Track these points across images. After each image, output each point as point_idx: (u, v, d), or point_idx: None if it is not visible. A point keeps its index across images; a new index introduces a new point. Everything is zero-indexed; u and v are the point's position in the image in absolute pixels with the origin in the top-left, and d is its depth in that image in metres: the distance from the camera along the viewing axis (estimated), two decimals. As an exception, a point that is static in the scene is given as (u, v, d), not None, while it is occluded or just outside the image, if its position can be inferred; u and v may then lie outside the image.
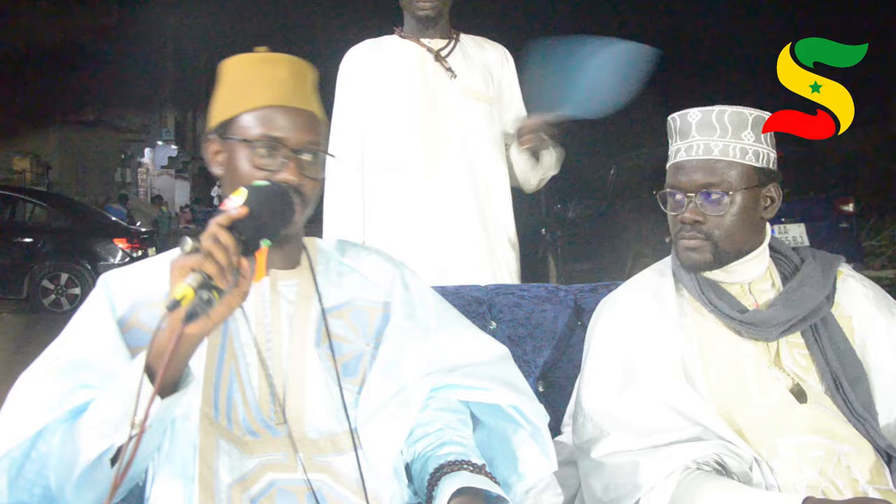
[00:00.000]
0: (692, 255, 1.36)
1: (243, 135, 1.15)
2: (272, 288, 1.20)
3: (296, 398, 1.16)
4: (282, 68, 1.18)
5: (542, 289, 1.80)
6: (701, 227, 1.34)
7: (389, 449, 1.16)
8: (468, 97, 2.09)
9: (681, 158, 1.38)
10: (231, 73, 1.20)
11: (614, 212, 7.84)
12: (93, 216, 10.12)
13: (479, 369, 1.24)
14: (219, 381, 1.14)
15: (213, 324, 0.97)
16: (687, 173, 1.36)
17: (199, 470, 1.08)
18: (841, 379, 1.32)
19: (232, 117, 1.17)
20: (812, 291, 1.36)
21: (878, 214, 10.44)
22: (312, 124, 1.18)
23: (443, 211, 2.07)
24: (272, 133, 1.14)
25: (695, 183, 1.35)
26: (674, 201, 1.39)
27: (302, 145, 1.15)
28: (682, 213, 1.36)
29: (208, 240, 0.93)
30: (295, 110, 1.16)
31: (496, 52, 2.21)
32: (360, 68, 2.13)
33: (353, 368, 1.20)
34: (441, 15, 2.10)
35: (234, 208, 0.98)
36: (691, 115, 1.37)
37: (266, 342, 1.17)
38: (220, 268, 0.92)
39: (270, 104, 1.15)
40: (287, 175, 1.12)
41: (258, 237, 0.98)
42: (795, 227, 6.66)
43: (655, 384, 1.31)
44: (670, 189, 1.39)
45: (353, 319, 1.24)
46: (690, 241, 1.36)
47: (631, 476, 1.25)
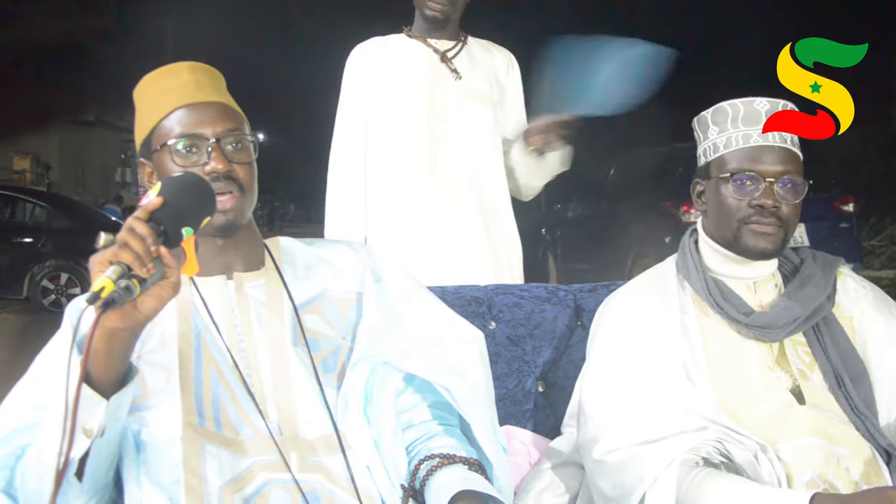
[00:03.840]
0: (763, 242, 1.34)
1: (163, 140, 1.17)
2: (238, 290, 1.21)
3: (285, 399, 1.16)
4: (182, 73, 1.21)
5: (542, 289, 1.80)
6: (777, 212, 1.34)
7: (369, 444, 1.16)
8: (472, 99, 2.09)
9: (755, 143, 1.35)
10: (140, 95, 1.23)
11: (614, 212, 7.84)
12: (93, 216, 10.11)
13: (431, 349, 1.24)
14: (199, 387, 1.14)
15: (143, 316, 0.96)
16: (766, 159, 1.34)
17: (184, 478, 1.08)
18: (843, 377, 1.32)
19: (150, 132, 1.20)
20: (814, 291, 1.36)
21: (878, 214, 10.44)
22: (226, 114, 1.20)
23: (444, 210, 2.07)
24: (189, 130, 1.17)
25: (774, 169, 1.33)
26: (743, 186, 1.35)
27: (220, 134, 1.17)
28: (760, 199, 1.33)
29: (123, 231, 0.93)
30: (205, 105, 1.19)
31: (502, 56, 2.22)
32: (365, 66, 2.13)
33: (332, 364, 1.21)
34: (450, 18, 2.10)
35: (149, 201, 0.98)
36: (758, 104, 1.36)
37: (238, 343, 1.18)
38: (137, 256, 0.91)
39: (179, 105, 1.18)
40: (214, 164, 1.15)
41: (178, 226, 0.98)
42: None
43: (658, 384, 1.31)
44: (747, 172, 1.34)
45: (327, 313, 1.25)
46: (767, 226, 1.34)
47: (633, 470, 1.25)
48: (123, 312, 0.94)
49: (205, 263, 1.16)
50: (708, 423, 1.26)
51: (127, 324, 0.95)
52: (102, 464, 1.05)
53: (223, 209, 1.15)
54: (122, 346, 0.98)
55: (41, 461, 0.99)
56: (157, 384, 1.13)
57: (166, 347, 1.15)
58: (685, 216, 6.54)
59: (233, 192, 1.16)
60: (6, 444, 1.07)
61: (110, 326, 0.94)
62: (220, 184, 1.15)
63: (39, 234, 8.90)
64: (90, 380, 0.96)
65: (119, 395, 0.99)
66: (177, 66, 1.22)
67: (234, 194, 1.16)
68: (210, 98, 1.20)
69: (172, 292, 0.97)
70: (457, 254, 2.06)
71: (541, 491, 1.48)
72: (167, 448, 1.10)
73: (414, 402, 1.26)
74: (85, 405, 0.95)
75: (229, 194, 1.16)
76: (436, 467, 1.16)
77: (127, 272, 0.90)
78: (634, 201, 7.42)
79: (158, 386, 1.13)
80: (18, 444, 1.06)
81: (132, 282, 0.90)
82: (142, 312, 0.95)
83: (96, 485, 1.06)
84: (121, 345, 0.98)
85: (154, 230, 0.94)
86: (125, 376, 1.01)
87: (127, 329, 0.96)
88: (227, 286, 1.21)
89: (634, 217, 7.24)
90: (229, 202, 1.16)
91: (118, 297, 0.89)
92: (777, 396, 1.31)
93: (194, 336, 1.17)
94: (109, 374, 0.98)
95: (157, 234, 0.94)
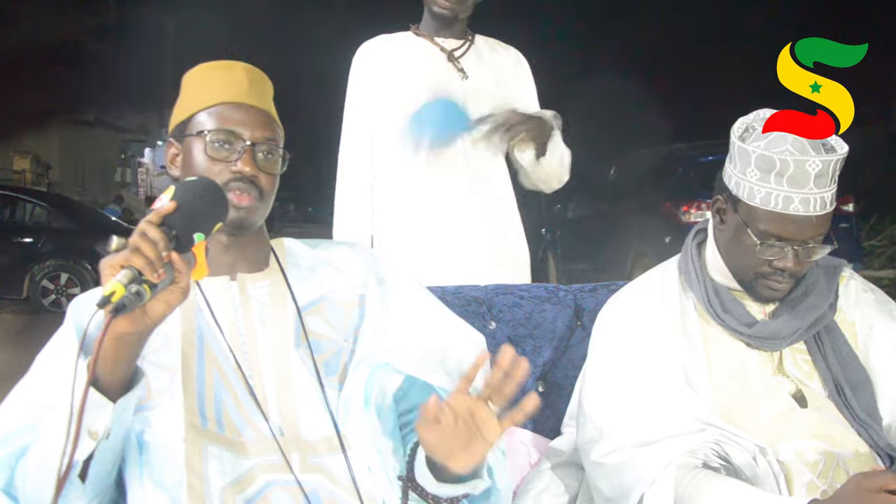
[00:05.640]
0: (774, 295, 1.33)
1: (200, 128, 1.17)
2: (241, 291, 1.20)
3: (287, 401, 1.16)
4: (238, 71, 1.21)
5: (542, 289, 1.79)
6: (797, 272, 1.31)
7: (370, 445, 1.16)
8: (479, 99, 2.07)
9: (796, 212, 1.25)
10: (190, 80, 1.23)
11: (614, 212, 7.84)
12: (93, 216, 10.12)
13: (432, 352, 1.24)
14: (202, 388, 1.14)
15: (152, 321, 0.96)
16: (801, 228, 1.26)
17: (186, 479, 1.08)
18: (843, 385, 1.32)
19: (188, 117, 1.19)
20: (816, 301, 1.35)
21: (878, 214, 10.43)
22: (268, 122, 1.20)
23: (451, 211, 2.06)
24: (227, 126, 1.17)
25: (805, 236, 1.27)
26: (769, 248, 1.28)
27: (257, 139, 1.17)
28: (783, 262, 1.29)
29: (136, 235, 0.93)
30: (249, 107, 1.19)
31: (510, 55, 2.20)
32: (371, 64, 2.12)
33: (334, 366, 1.21)
34: (458, 17, 2.09)
35: (162, 205, 0.97)
36: (811, 165, 1.23)
37: (241, 345, 1.17)
38: (149, 261, 0.91)
39: (226, 101, 1.18)
40: (242, 166, 1.15)
41: (190, 231, 0.97)
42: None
43: (657, 387, 1.31)
44: (778, 239, 1.27)
45: (330, 315, 1.24)
46: (782, 283, 1.31)
47: (631, 472, 1.25)
48: (133, 317, 0.93)
49: (210, 262, 1.16)
50: (706, 426, 1.26)
51: (136, 328, 0.95)
52: (106, 465, 1.05)
53: (238, 205, 1.15)
54: (129, 350, 0.98)
55: (45, 462, 0.99)
56: (160, 385, 1.13)
57: (169, 348, 1.15)
58: (685, 216, 6.54)
59: (251, 194, 1.16)
60: (6, 444, 1.07)
61: (119, 331, 0.94)
62: (241, 184, 1.15)
63: (39, 234, 8.90)
64: (97, 383, 0.96)
65: (125, 398, 0.99)
66: (234, 63, 1.23)
67: (252, 196, 1.16)
68: (257, 103, 1.20)
69: (182, 297, 0.97)
70: (463, 254, 2.05)
71: (540, 491, 1.48)
72: (170, 449, 1.10)
73: (414, 404, 1.26)
74: (91, 408, 0.94)
75: (247, 194, 1.16)
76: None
77: (138, 277, 0.90)
78: (634, 201, 7.42)
79: (161, 386, 1.13)
80: (19, 444, 1.06)
81: (143, 287, 0.90)
82: (151, 317, 0.95)
83: (99, 485, 1.06)
84: (128, 349, 0.97)
85: (166, 235, 0.94)
86: (131, 379, 1.01)
87: (136, 333, 0.96)
88: (231, 287, 1.20)
89: (634, 217, 7.24)
90: (246, 200, 1.16)
91: (129, 301, 0.89)
92: (779, 400, 1.31)
93: (197, 337, 1.17)
94: (116, 377, 0.98)
95: (169, 238, 0.94)
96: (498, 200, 2.12)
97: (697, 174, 6.75)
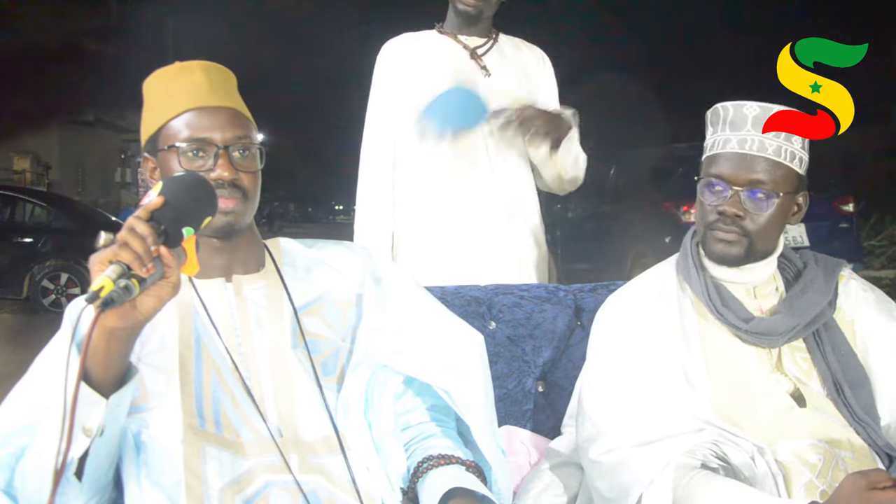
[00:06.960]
0: (724, 248, 1.34)
1: (171, 142, 1.17)
2: (237, 293, 1.21)
3: (285, 402, 1.16)
4: (196, 73, 1.20)
5: (542, 289, 1.80)
6: (740, 222, 1.32)
7: (369, 445, 1.16)
8: (500, 97, 2.07)
9: (731, 149, 1.33)
10: (150, 89, 1.22)
11: (614, 212, 7.85)
12: (93, 216, 10.11)
13: (431, 352, 1.24)
14: (200, 390, 1.14)
15: (143, 316, 0.96)
16: (736, 166, 1.32)
17: (184, 479, 1.08)
18: (841, 383, 1.32)
19: (158, 130, 1.19)
20: (815, 297, 1.35)
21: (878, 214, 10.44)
22: (237, 120, 1.20)
23: (471, 209, 2.06)
24: (198, 134, 1.16)
25: (743, 178, 1.31)
26: (712, 191, 1.35)
27: (229, 141, 1.17)
28: (723, 205, 1.32)
29: (124, 230, 0.93)
30: (216, 109, 1.18)
31: (533, 54, 2.20)
32: (394, 61, 2.12)
33: (332, 367, 1.21)
34: (482, 14, 2.09)
35: (150, 200, 0.97)
36: (748, 108, 1.33)
37: (238, 346, 1.17)
38: (137, 255, 0.91)
39: (190, 107, 1.18)
40: (221, 171, 1.15)
41: (178, 226, 0.97)
42: (795, 227, 6.65)
43: (656, 386, 1.31)
44: (714, 178, 1.34)
45: (327, 315, 1.24)
46: (727, 234, 1.33)
47: (629, 472, 1.25)
48: (122, 312, 0.94)
49: (204, 265, 1.15)
50: (705, 425, 1.26)
51: (126, 323, 0.95)
52: (102, 463, 1.05)
53: (224, 210, 1.15)
54: (121, 345, 0.98)
55: (40, 460, 0.99)
56: (157, 386, 1.13)
57: (166, 350, 1.15)
58: (685, 216, 6.55)
59: (235, 197, 1.16)
60: (6, 444, 1.07)
61: (109, 326, 0.94)
62: (224, 190, 1.15)
63: (39, 234, 8.89)
64: (89, 379, 0.96)
65: (118, 394, 0.99)
66: (190, 64, 1.21)
67: (236, 199, 1.16)
68: (221, 102, 1.19)
69: (172, 292, 0.97)
70: (483, 252, 2.05)
71: (540, 491, 1.48)
72: (168, 450, 1.10)
73: (413, 404, 1.26)
74: (84, 404, 0.95)
75: (232, 198, 1.16)
76: (431, 466, 1.16)
77: (127, 271, 0.90)
78: (634, 201, 7.43)
79: (158, 388, 1.13)
80: (18, 444, 1.06)
81: (132, 281, 0.90)
82: (141, 312, 0.95)
83: (96, 484, 1.06)
84: (120, 344, 0.97)
85: (154, 229, 0.94)
86: (124, 376, 1.01)
87: (126, 329, 0.96)
88: (227, 289, 1.20)
89: (634, 217, 7.25)
90: (231, 204, 1.16)
91: (117, 296, 0.89)
92: (777, 399, 1.31)
93: (194, 339, 1.17)
94: (108, 373, 0.98)
95: (158, 233, 0.94)
96: (519, 198, 2.12)
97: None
